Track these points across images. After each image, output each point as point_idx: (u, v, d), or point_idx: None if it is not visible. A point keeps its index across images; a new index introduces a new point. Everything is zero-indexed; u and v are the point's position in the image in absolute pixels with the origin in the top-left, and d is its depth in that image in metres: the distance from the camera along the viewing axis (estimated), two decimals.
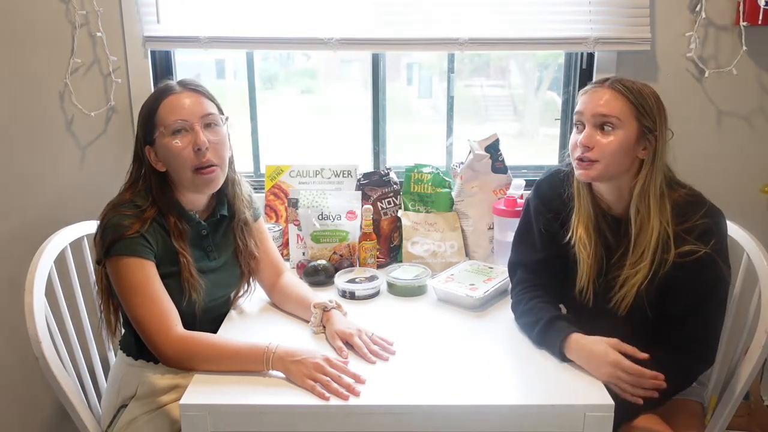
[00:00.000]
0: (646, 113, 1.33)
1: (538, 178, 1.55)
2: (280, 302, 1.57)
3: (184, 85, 1.39)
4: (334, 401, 1.16)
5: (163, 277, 1.34)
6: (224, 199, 1.49)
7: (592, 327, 1.35)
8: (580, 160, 1.36)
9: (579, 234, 1.42)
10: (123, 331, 1.50)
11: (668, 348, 1.36)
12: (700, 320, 1.36)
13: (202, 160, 1.35)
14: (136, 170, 1.41)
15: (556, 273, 1.48)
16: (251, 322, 1.51)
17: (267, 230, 1.66)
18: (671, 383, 1.29)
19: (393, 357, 1.33)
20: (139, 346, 1.39)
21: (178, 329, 1.31)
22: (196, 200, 1.45)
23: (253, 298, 1.59)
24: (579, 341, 1.30)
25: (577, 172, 1.39)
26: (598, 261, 1.42)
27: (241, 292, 1.57)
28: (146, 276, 1.31)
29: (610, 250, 1.43)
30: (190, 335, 1.31)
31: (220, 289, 1.50)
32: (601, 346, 1.27)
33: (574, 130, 1.40)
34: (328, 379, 1.20)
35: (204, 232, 1.45)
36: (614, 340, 1.28)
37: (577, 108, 1.39)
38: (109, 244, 1.30)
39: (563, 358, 1.30)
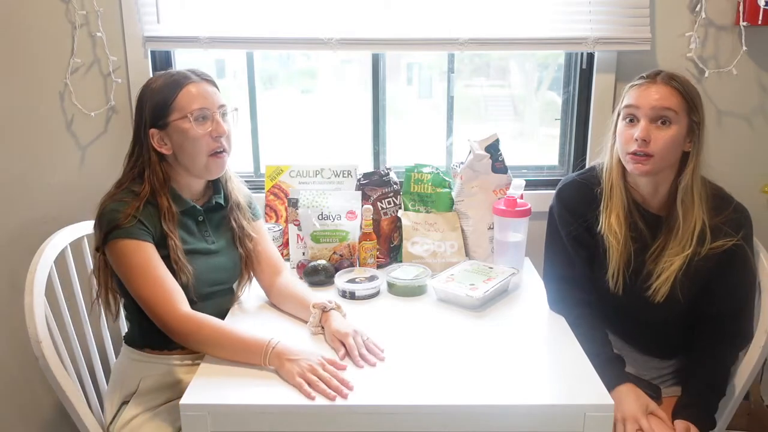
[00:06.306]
0: (696, 108, 1.38)
1: (558, 186, 1.59)
2: (278, 302, 1.57)
3: (199, 75, 1.43)
4: (337, 401, 1.16)
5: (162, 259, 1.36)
6: (220, 188, 1.52)
7: (625, 316, 1.36)
8: (634, 154, 1.38)
9: (610, 222, 1.44)
10: (125, 321, 1.51)
11: (706, 345, 1.42)
12: (736, 306, 1.43)
13: (218, 146, 1.41)
14: (136, 153, 1.42)
15: (590, 276, 1.51)
16: (255, 319, 1.51)
17: (266, 230, 1.66)
18: (719, 376, 1.39)
19: (393, 357, 1.33)
20: (143, 335, 1.41)
21: (184, 307, 1.33)
22: (192, 186, 1.47)
23: (256, 295, 1.60)
24: (633, 389, 1.36)
25: (630, 166, 1.41)
26: (628, 250, 1.44)
27: (243, 282, 1.58)
28: (147, 257, 1.33)
29: (644, 242, 1.45)
30: (196, 314, 1.33)
31: (218, 273, 1.50)
32: (643, 401, 1.34)
33: (622, 123, 1.42)
34: (317, 379, 1.20)
35: (200, 217, 1.48)
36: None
37: (630, 101, 1.40)
38: (107, 231, 1.32)
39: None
